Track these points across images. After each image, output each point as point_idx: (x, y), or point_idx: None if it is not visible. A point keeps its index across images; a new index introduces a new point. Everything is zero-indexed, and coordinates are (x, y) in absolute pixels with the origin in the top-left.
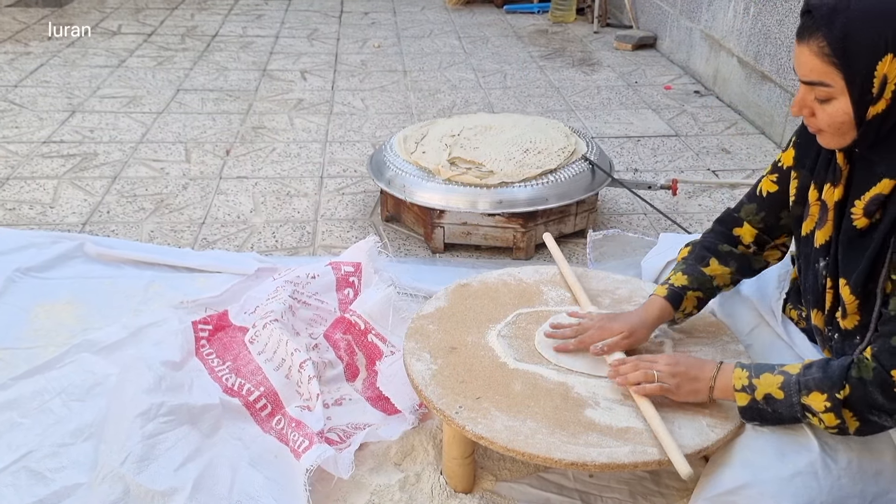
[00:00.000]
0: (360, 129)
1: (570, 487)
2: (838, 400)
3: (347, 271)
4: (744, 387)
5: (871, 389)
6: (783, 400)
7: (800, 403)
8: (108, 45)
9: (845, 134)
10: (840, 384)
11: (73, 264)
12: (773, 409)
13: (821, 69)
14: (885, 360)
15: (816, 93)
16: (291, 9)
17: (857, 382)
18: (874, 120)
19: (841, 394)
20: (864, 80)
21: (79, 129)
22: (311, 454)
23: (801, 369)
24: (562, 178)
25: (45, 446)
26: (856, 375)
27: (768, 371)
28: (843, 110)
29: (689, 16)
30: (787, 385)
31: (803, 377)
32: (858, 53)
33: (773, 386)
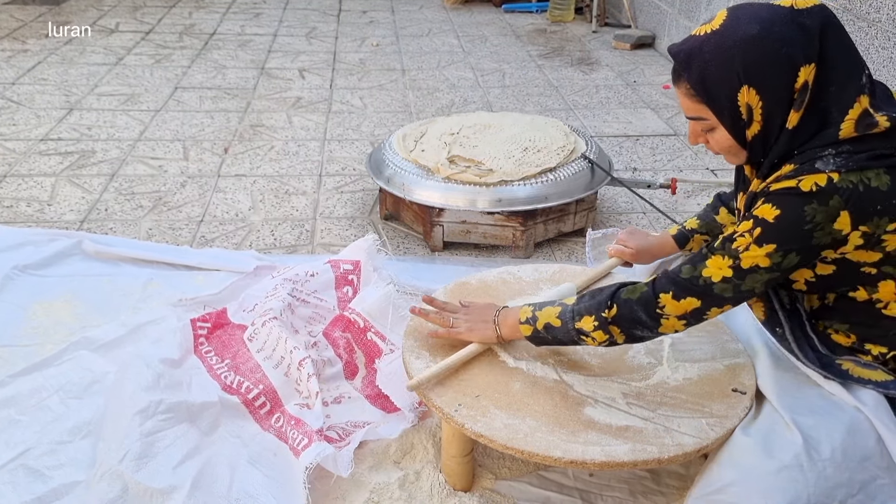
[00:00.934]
0: (358, 128)
1: (570, 486)
2: (604, 318)
3: (346, 269)
4: (527, 319)
5: (636, 308)
6: (560, 327)
7: (574, 329)
8: (106, 43)
9: (737, 154)
10: (606, 305)
11: (71, 262)
12: (552, 336)
13: (693, 107)
14: (658, 284)
15: (700, 125)
16: (290, 7)
17: (624, 302)
18: (755, 140)
19: (607, 313)
20: (731, 111)
21: (76, 126)
22: (310, 452)
23: (577, 299)
24: (561, 177)
25: (43, 444)
26: (624, 296)
27: (549, 305)
28: (725, 137)
29: (688, 15)
30: (564, 314)
31: (576, 305)
32: (718, 91)
33: (552, 316)
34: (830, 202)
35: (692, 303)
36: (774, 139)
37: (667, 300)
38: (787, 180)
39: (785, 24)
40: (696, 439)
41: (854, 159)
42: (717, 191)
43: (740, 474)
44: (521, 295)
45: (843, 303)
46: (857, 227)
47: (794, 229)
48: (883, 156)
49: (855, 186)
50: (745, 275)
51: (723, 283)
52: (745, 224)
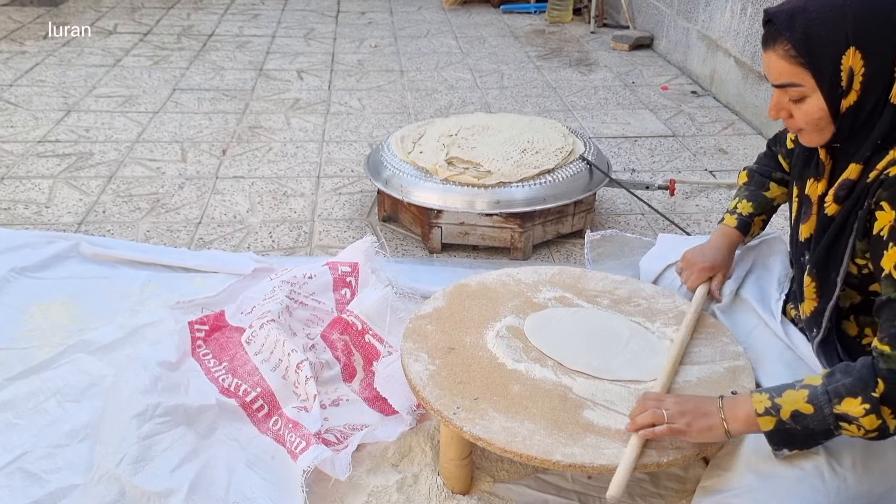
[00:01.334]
0: (356, 129)
1: (569, 489)
2: (875, 399)
3: (344, 271)
4: (767, 409)
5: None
6: (814, 414)
7: (832, 414)
8: (104, 45)
9: (824, 129)
10: (873, 382)
11: (68, 264)
12: (802, 427)
13: (790, 71)
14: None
15: (790, 94)
16: (288, 8)
17: (890, 374)
18: (848, 112)
19: (877, 391)
20: (832, 75)
21: (74, 128)
22: (308, 455)
23: (824, 378)
24: (559, 178)
25: (40, 447)
26: (885, 367)
27: (789, 388)
28: (817, 106)
29: (686, 16)
30: (815, 397)
31: (830, 385)
32: (822, 51)
33: (799, 401)
34: None
35: None
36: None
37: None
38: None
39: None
40: (696, 442)
41: None
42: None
43: (759, 481)
44: (521, 297)
45: None
46: None
47: None
48: None
49: None
50: None
51: None
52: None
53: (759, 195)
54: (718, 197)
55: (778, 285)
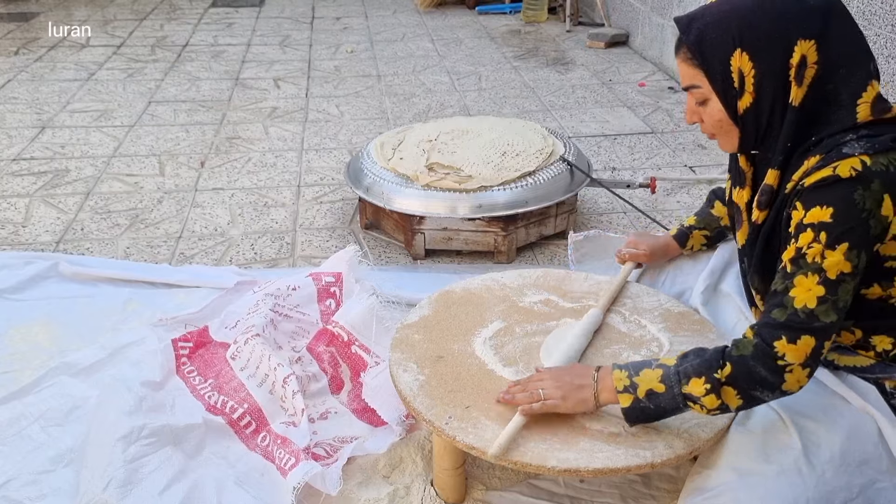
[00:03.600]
0: (336, 136)
1: (561, 493)
2: (717, 380)
3: (328, 282)
4: (626, 387)
5: (753, 364)
6: (665, 393)
7: (681, 393)
8: (77, 59)
9: (729, 132)
10: (718, 364)
11: (47, 285)
12: (655, 405)
13: (690, 73)
14: (766, 333)
15: (695, 96)
16: (262, 16)
17: (739, 360)
18: (747, 114)
19: (720, 373)
20: (723, 76)
21: (49, 145)
22: (297, 472)
23: (678, 359)
24: (541, 180)
25: (24, 474)
26: (736, 354)
27: (646, 367)
28: (717, 108)
29: (661, 12)
30: (667, 377)
31: (681, 366)
32: (713, 52)
33: (653, 381)
34: (872, 186)
35: (808, 342)
36: (772, 118)
37: (784, 346)
38: (818, 171)
39: None
40: (688, 441)
41: (878, 141)
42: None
43: (738, 479)
44: (506, 301)
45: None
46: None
47: (853, 220)
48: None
49: (887, 168)
50: (837, 287)
51: (820, 305)
52: (805, 236)
53: (705, 211)
54: (699, 192)
55: None
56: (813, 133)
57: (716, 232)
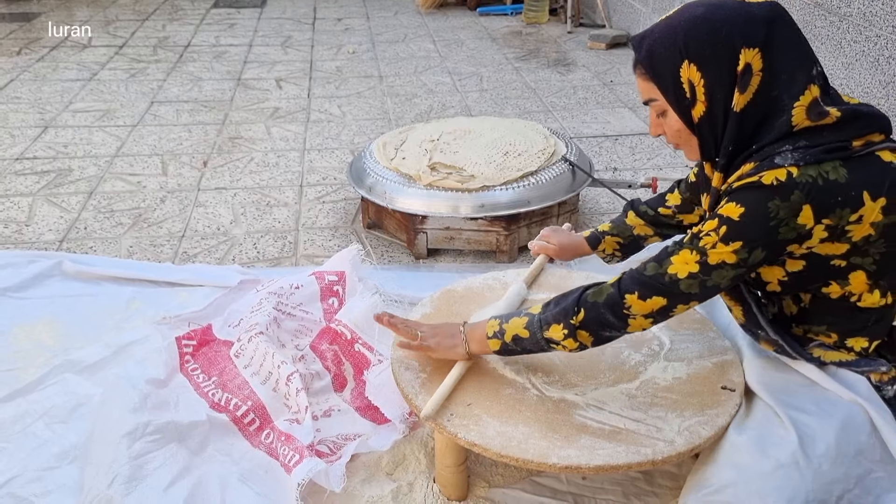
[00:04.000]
0: (338, 137)
1: (564, 490)
2: (573, 325)
3: (331, 280)
4: (495, 333)
5: (604, 311)
6: (528, 338)
7: (543, 338)
8: (80, 59)
9: (689, 141)
10: (573, 310)
11: (51, 283)
12: (521, 348)
13: (646, 88)
14: (625, 283)
15: (655, 109)
16: (264, 17)
17: (591, 306)
18: (702, 122)
19: (575, 319)
20: (675, 87)
21: (52, 144)
22: (301, 468)
23: (542, 307)
24: (543, 180)
25: (29, 471)
26: (591, 300)
27: (515, 315)
28: (674, 119)
29: (662, 13)
30: (531, 324)
31: (543, 314)
32: (662, 66)
33: (519, 327)
34: (792, 197)
35: (658, 301)
36: (722, 124)
37: (633, 300)
38: (748, 177)
39: (731, 9)
40: (689, 439)
41: (811, 153)
42: None
43: (737, 474)
44: None
45: (818, 303)
46: (821, 220)
47: (759, 225)
48: (837, 148)
49: (814, 180)
50: (712, 270)
51: (689, 279)
52: (711, 223)
53: (619, 219)
54: None
55: None
56: (756, 140)
57: (629, 240)
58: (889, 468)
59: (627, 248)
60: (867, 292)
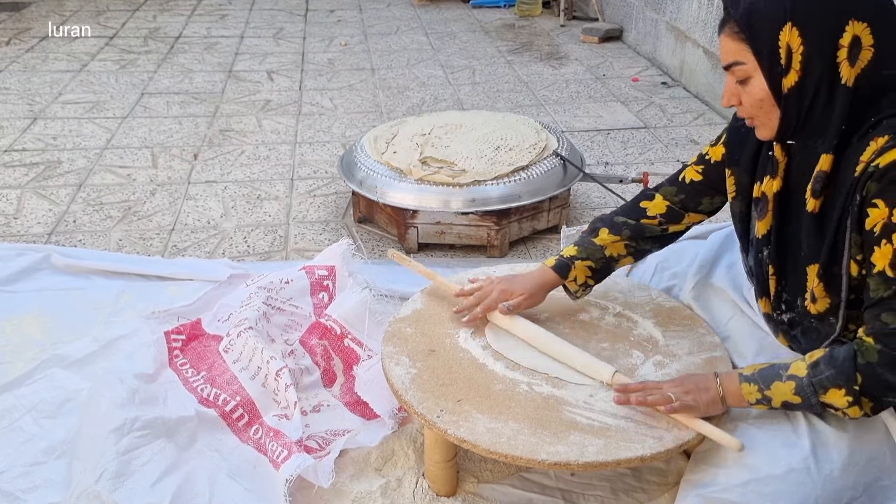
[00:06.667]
0: (329, 130)
1: (553, 486)
2: (857, 391)
3: (321, 275)
4: (758, 400)
5: (882, 371)
6: (802, 403)
7: (819, 403)
8: (69, 50)
9: (770, 113)
10: (854, 375)
11: (39, 276)
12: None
13: (734, 49)
14: (887, 342)
15: (736, 74)
16: (256, 8)
17: (867, 368)
18: (791, 94)
19: (857, 385)
20: (770, 51)
21: (41, 136)
22: (290, 464)
23: (809, 369)
24: (534, 175)
25: (16, 466)
26: (863, 362)
27: (776, 379)
28: (760, 87)
29: (655, 7)
30: (801, 389)
31: (815, 377)
32: (761, 25)
33: (787, 393)
34: None
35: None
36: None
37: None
38: (892, 150)
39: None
40: (678, 436)
41: None
42: None
43: (748, 475)
44: None
45: None
46: None
47: None
48: None
49: None
50: None
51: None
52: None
53: (586, 240)
54: None
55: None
56: (867, 117)
57: (600, 263)
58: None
59: (599, 274)
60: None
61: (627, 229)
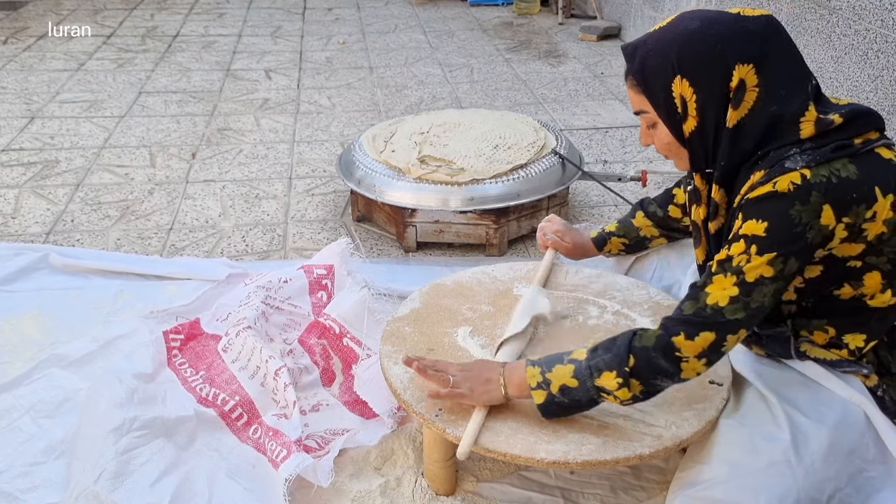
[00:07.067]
0: (327, 128)
1: (552, 485)
2: (626, 372)
3: (320, 274)
4: (539, 384)
5: (655, 355)
6: (578, 387)
7: (594, 387)
8: (67, 49)
9: (679, 154)
10: (626, 357)
11: (37, 276)
12: (570, 399)
13: (637, 100)
14: (671, 325)
15: (645, 121)
16: (254, 6)
17: (641, 351)
18: (692, 136)
19: (628, 366)
20: (666, 102)
21: (39, 135)
22: (289, 464)
23: (588, 353)
24: (532, 173)
25: (15, 466)
26: (639, 345)
27: (558, 363)
28: (665, 132)
29: (653, 5)
30: (580, 371)
31: (592, 360)
32: (654, 79)
33: (566, 376)
34: (811, 199)
35: (707, 337)
36: (713, 139)
37: (681, 342)
38: (761, 186)
39: (726, 24)
40: (676, 433)
41: (819, 153)
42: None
43: (729, 471)
44: (497, 294)
45: (825, 304)
46: (840, 219)
47: (786, 234)
48: (843, 146)
49: (828, 179)
50: (752, 289)
51: (731, 304)
52: (738, 246)
53: (626, 220)
54: None
55: None
56: (758, 148)
57: (634, 241)
58: (880, 467)
59: (632, 249)
60: (880, 292)
61: (656, 217)
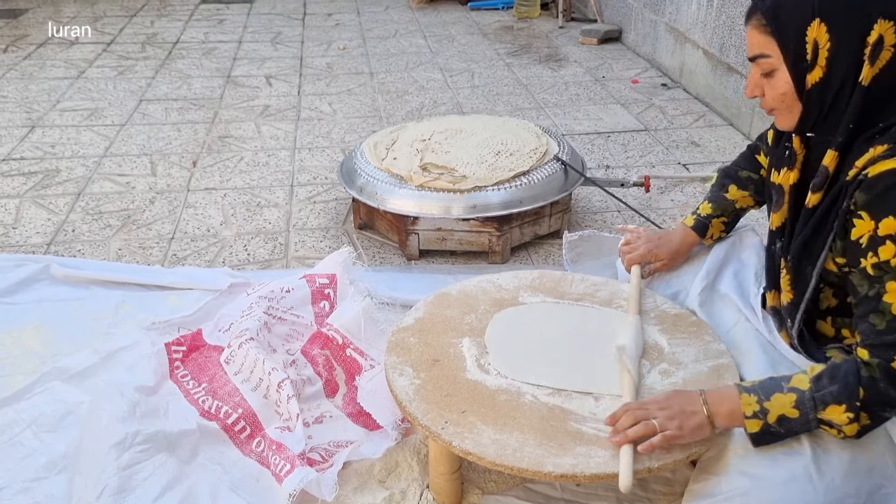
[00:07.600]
0: (328, 135)
1: (558, 497)
2: (858, 407)
3: (322, 283)
4: (755, 413)
5: (884, 386)
6: (798, 418)
7: (816, 419)
8: (67, 56)
9: (791, 108)
10: (857, 391)
11: (38, 287)
12: (786, 429)
13: (760, 41)
14: (882, 353)
15: (761, 67)
16: (253, 13)
17: (870, 382)
18: (814, 89)
19: (859, 400)
20: (796, 46)
21: (39, 144)
22: (293, 478)
23: (812, 383)
24: (535, 180)
25: (17, 482)
26: (866, 375)
27: (777, 391)
28: (784, 80)
29: (653, 8)
30: (802, 402)
31: (817, 392)
32: (788, 19)
33: (786, 406)
34: None
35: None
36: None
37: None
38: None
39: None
40: (685, 447)
41: None
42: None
43: (749, 483)
44: (502, 304)
45: None
46: None
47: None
48: None
49: None
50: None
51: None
52: (886, 250)
53: (719, 196)
54: (693, 191)
55: (756, 279)
56: (881, 120)
57: (732, 217)
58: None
59: (730, 226)
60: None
61: (752, 184)
